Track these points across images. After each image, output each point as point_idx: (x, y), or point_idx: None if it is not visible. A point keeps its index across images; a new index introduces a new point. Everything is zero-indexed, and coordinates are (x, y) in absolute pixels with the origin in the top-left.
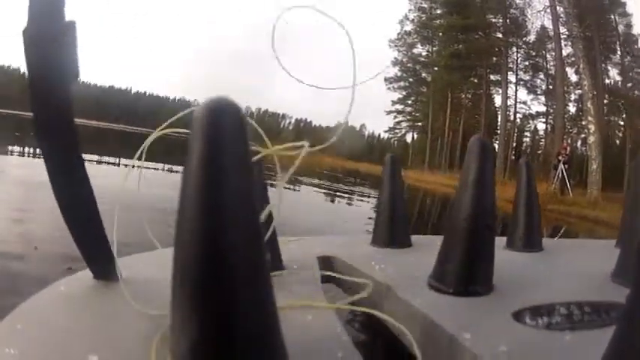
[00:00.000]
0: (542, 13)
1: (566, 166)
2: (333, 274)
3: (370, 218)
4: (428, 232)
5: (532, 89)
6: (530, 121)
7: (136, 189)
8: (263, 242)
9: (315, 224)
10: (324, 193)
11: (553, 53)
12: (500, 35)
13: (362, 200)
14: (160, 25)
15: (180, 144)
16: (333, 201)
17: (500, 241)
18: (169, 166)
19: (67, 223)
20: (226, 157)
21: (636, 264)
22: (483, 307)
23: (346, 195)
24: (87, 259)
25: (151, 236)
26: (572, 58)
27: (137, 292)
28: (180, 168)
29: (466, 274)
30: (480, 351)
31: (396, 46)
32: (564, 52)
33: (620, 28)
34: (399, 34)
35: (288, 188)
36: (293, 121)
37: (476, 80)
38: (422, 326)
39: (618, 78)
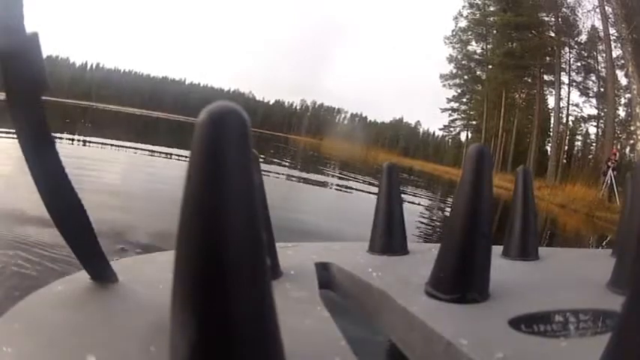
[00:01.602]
0: (592, 12)
1: (615, 172)
2: (331, 280)
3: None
4: None
5: (584, 91)
6: (582, 125)
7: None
8: (264, 247)
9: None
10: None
11: (604, 55)
12: (552, 34)
13: (412, 203)
14: (217, 16)
15: None
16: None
17: (496, 250)
18: None
19: (54, 223)
20: (228, 163)
21: (632, 272)
22: (480, 314)
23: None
24: (80, 259)
25: None
26: (622, 61)
27: (136, 294)
28: None
29: (462, 281)
30: (477, 357)
31: (450, 42)
32: (614, 54)
33: None
34: (453, 30)
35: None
36: (348, 115)
37: (530, 80)
38: (419, 332)
39: None
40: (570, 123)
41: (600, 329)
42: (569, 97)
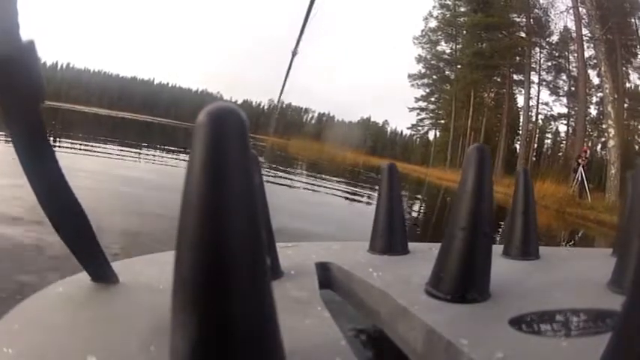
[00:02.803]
0: (565, 13)
1: (586, 169)
2: (331, 280)
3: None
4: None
5: (554, 90)
6: (552, 123)
7: None
8: (264, 247)
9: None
10: (346, 192)
11: (576, 55)
12: (523, 35)
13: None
14: (185, 16)
15: None
16: (352, 200)
17: (497, 249)
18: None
19: (53, 226)
20: (228, 163)
21: (633, 272)
22: (480, 313)
23: (366, 193)
24: (80, 261)
25: None
26: (594, 61)
27: (136, 295)
28: None
29: (463, 281)
30: (477, 356)
31: (420, 42)
32: (586, 54)
33: None
34: (423, 30)
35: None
36: (316, 115)
37: (499, 80)
38: (419, 332)
39: (639, 82)
40: (540, 121)
41: (601, 329)
42: (538, 96)
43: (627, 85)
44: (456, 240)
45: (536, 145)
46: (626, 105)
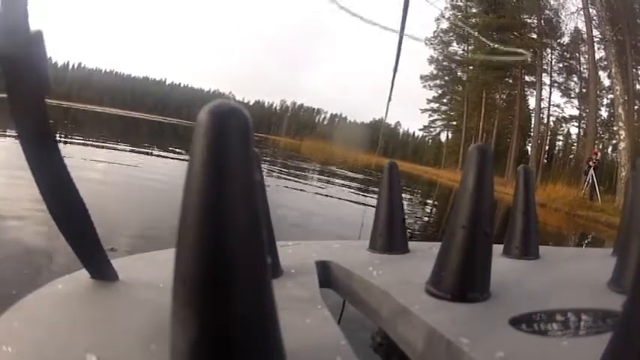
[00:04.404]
0: (576, 15)
1: (596, 171)
2: (331, 279)
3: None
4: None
5: (566, 92)
6: (563, 125)
7: None
8: (264, 246)
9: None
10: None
11: (587, 56)
12: (534, 36)
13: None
14: (197, 17)
15: None
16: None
17: (497, 249)
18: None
19: (55, 221)
20: (229, 161)
21: (633, 272)
22: (480, 313)
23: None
24: (80, 258)
25: None
26: (605, 62)
27: (136, 293)
28: None
29: (463, 280)
30: (478, 356)
31: (432, 44)
32: (597, 56)
33: None
34: (435, 32)
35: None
36: (328, 116)
37: (510, 81)
38: (419, 331)
39: None
40: (551, 123)
41: (601, 328)
42: (550, 98)
43: (638, 86)
44: (457, 239)
45: (547, 147)
46: (636, 107)
